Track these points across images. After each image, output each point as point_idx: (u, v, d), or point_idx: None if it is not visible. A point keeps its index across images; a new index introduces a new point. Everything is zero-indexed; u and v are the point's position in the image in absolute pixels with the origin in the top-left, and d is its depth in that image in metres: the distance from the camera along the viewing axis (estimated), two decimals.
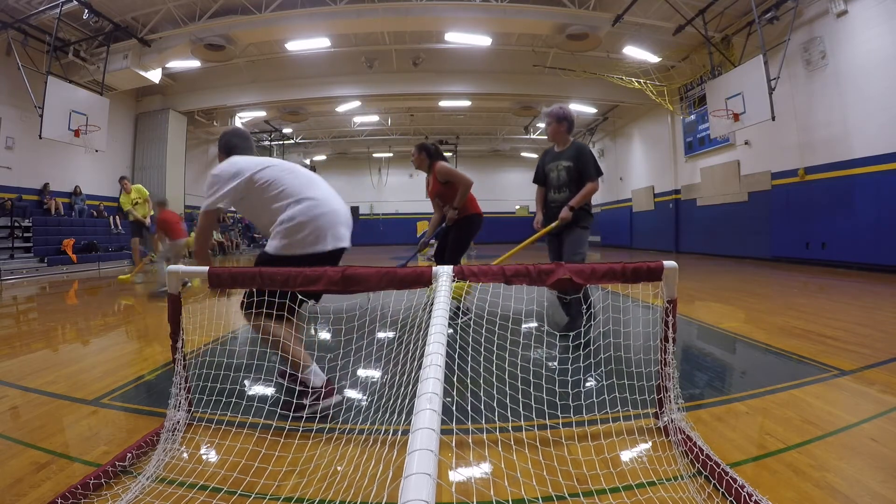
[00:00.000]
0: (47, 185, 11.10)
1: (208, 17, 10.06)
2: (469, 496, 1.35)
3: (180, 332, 1.81)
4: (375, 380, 2.40)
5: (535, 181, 3.47)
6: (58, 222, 10.82)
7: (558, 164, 3.25)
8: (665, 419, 1.74)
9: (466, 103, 15.16)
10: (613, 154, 18.38)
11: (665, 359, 1.71)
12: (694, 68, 11.84)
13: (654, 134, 15.08)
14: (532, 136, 19.03)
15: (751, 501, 1.22)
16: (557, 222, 3.15)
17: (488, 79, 13.40)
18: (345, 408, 2.02)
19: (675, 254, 13.38)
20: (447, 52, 12.10)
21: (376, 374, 2.47)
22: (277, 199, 2.01)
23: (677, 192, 13.87)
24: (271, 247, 2.00)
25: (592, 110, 15.97)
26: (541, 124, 16.92)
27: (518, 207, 22.73)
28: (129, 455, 1.55)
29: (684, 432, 1.62)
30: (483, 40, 10.95)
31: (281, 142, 19.09)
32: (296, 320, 2.03)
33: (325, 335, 3.27)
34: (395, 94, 14.01)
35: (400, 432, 1.53)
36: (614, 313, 2.20)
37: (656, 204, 15.09)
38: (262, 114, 15.55)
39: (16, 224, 9.68)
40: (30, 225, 10.03)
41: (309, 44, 11.20)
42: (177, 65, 12.06)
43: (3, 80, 9.80)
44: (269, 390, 2.29)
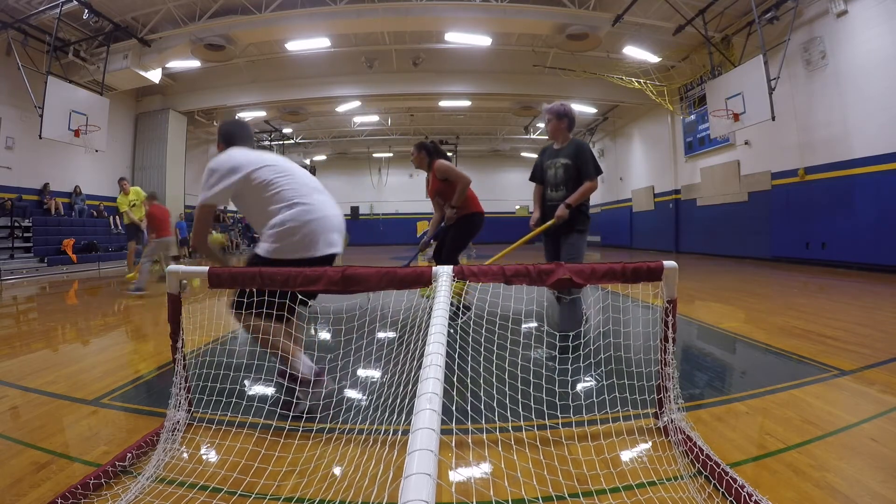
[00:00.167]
0: (47, 185, 11.10)
1: (208, 17, 10.06)
2: (469, 496, 1.35)
3: (180, 332, 1.81)
4: (375, 380, 2.40)
5: (532, 179, 3.37)
6: (58, 222, 10.82)
7: (556, 162, 3.16)
8: (665, 419, 1.74)
9: (466, 103, 15.16)
10: (613, 154, 18.38)
11: (665, 359, 1.71)
12: (694, 68, 11.83)
13: (654, 134, 15.08)
14: (532, 136, 19.03)
15: (751, 501, 1.22)
16: (553, 220, 3.06)
17: (488, 79, 13.40)
18: (345, 408, 2.02)
19: (675, 254, 13.38)
20: (447, 52, 12.10)
21: (376, 374, 2.47)
22: (271, 201, 2.01)
23: (677, 192, 13.88)
24: (262, 249, 2.00)
25: (592, 110, 15.97)
26: (541, 124, 16.90)
27: (518, 207, 22.73)
28: (129, 455, 1.55)
29: (684, 432, 1.62)
30: (483, 40, 10.95)
31: (281, 142, 19.08)
32: (292, 317, 2.03)
33: (325, 335, 3.27)
34: (395, 94, 14.01)
35: (400, 432, 1.53)
36: (614, 313, 2.19)
37: (656, 204, 15.09)
38: (262, 114, 15.55)
39: (16, 224, 9.68)
40: (30, 225, 10.04)
41: (309, 44, 11.21)
42: (177, 65, 12.06)
43: (3, 80, 9.80)
44: (269, 390, 2.29)
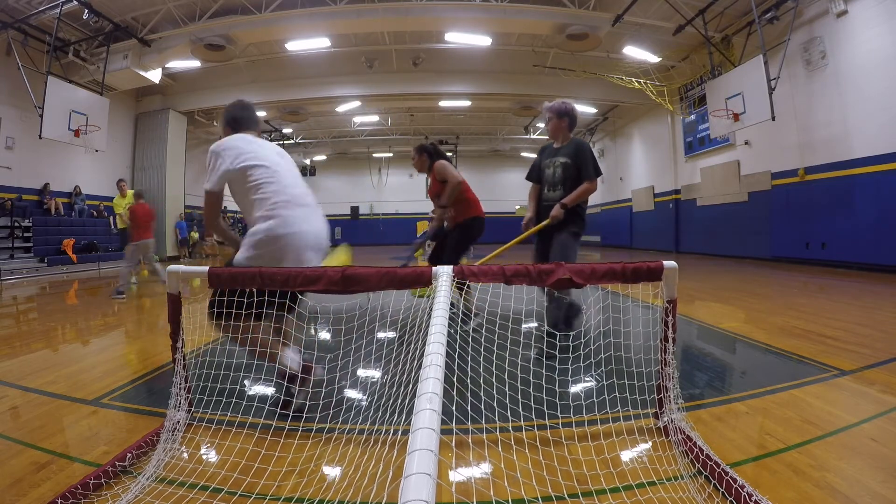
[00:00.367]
0: (47, 185, 11.10)
1: (208, 17, 10.06)
2: (469, 496, 1.35)
3: (180, 332, 1.81)
4: (375, 380, 2.40)
5: (529, 178, 3.28)
6: (58, 222, 10.82)
7: (555, 161, 3.07)
8: (665, 419, 1.74)
9: (466, 103, 15.16)
10: (613, 154, 18.38)
11: (665, 359, 1.71)
12: (694, 68, 11.83)
13: (654, 134, 15.08)
14: (532, 136, 19.03)
15: (751, 501, 1.22)
16: (548, 220, 2.97)
17: (488, 79, 13.40)
18: (345, 408, 2.02)
19: (675, 254, 13.38)
20: (447, 52, 12.10)
21: (376, 374, 2.47)
22: (254, 206, 2.05)
23: (677, 192, 13.88)
24: (240, 255, 2.03)
25: (592, 110, 15.97)
26: (541, 124, 16.89)
27: (518, 207, 22.72)
28: (129, 455, 1.55)
29: (684, 432, 1.62)
30: (483, 40, 10.95)
31: (281, 142, 19.08)
32: (276, 312, 2.03)
33: (325, 335, 3.27)
34: (395, 94, 14.01)
35: (400, 432, 1.53)
36: (614, 313, 2.19)
37: (656, 204, 15.09)
38: (262, 114, 15.55)
39: (16, 224, 9.69)
40: (30, 225, 10.04)
41: (309, 44, 11.21)
42: (177, 65, 12.06)
43: (3, 80, 9.80)
44: (269, 390, 2.29)
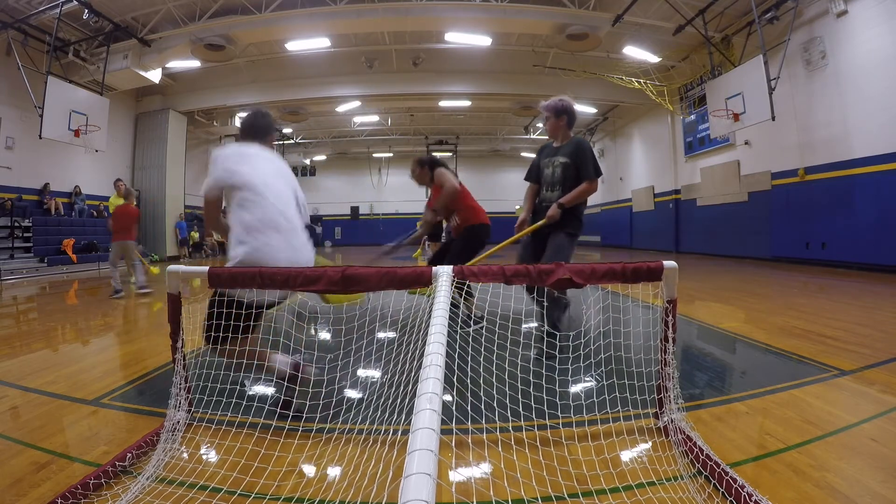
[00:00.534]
0: (47, 185, 11.10)
1: (208, 17, 10.06)
2: (469, 496, 1.35)
3: (180, 332, 1.81)
4: (375, 380, 2.40)
5: (527, 178, 3.18)
6: (58, 222, 10.82)
7: (554, 160, 2.99)
8: (665, 419, 1.74)
9: (466, 103, 15.16)
10: (613, 154, 18.37)
11: (665, 359, 1.71)
12: (694, 68, 11.83)
13: (654, 134, 15.08)
14: (532, 136, 19.03)
15: (751, 501, 1.22)
16: (544, 220, 2.88)
17: (488, 79, 13.40)
18: (345, 408, 2.02)
19: (675, 254, 13.38)
20: (447, 52, 12.10)
21: (376, 374, 2.47)
22: (234, 225, 2.04)
23: (677, 192, 13.87)
24: None
25: (592, 110, 15.97)
26: (540, 124, 16.86)
27: (518, 207, 22.66)
28: (129, 455, 1.55)
29: (684, 432, 1.62)
30: (483, 40, 10.95)
31: (281, 142, 19.07)
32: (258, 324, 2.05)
33: (325, 335, 3.26)
34: (395, 94, 14.01)
35: (400, 432, 1.53)
36: (614, 313, 2.19)
37: (656, 204, 15.09)
38: None
39: (16, 224, 9.69)
40: (30, 225, 10.04)
41: (309, 44, 11.21)
42: (177, 65, 12.05)
43: (3, 80, 9.80)
44: (269, 390, 2.29)
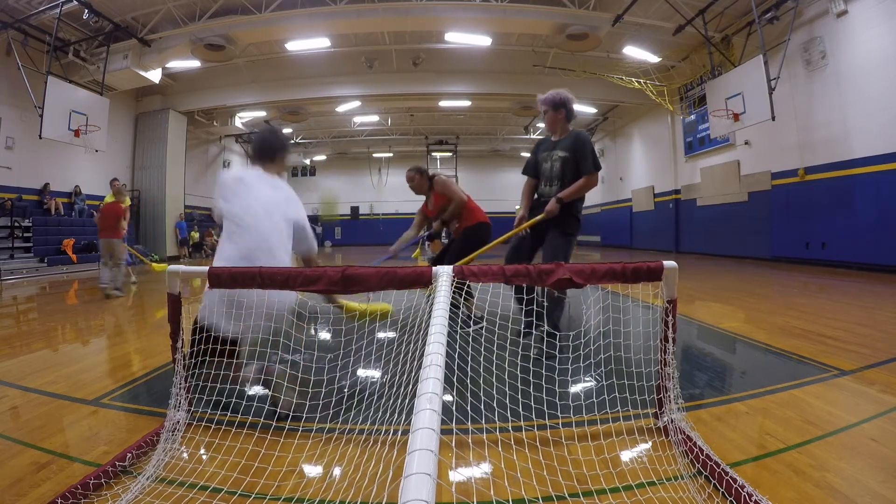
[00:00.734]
0: (47, 185, 11.10)
1: (208, 17, 10.06)
2: (469, 496, 1.35)
3: (180, 332, 1.81)
4: (375, 380, 2.40)
5: (525, 172, 3.10)
6: (58, 222, 10.83)
7: (553, 154, 2.92)
8: (665, 419, 1.74)
9: (466, 103, 15.16)
10: (613, 154, 18.37)
11: (665, 359, 1.71)
12: (694, 68, 11.84)
13: (654, 134, 15.08)
14: (532, 136, 19.03)
15: (751, 501, 1.21)
16: (542, 216, 2.81)
17: (488, 79, 13.40)
18: (345, 408, 2.02)
19: (675, 254, 13.38)
20: (447, 52, 12.10)
21: (376, 374, 2.47)
22: (217, 254, 2.09)
23: (677, 192, 13.88)
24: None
25: (592, 110, 15.97)
26: (541, 124, 16.88)
27: (518, 207, 22.30)
28: (129, 455, 1.55)
29: (684, 432, 1.61)
30: (483, 40, 10.95)
31: None
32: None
33: (325, 335, 3.26)
34: (395, 94, 14.02)
35: (400, 432, 1.53)
36: (614, 313, 2.19)
37: (656, 204, 15.09)
38: (262, 114, 15.55)
39: (16, 224, 9.69)
40: (30, 225, 10.05)
41: (309, 44, 11.21)
42: (177, 65, 12.06)
43: (3, 80, 9.80)
44: (269, 391, 2.28)
